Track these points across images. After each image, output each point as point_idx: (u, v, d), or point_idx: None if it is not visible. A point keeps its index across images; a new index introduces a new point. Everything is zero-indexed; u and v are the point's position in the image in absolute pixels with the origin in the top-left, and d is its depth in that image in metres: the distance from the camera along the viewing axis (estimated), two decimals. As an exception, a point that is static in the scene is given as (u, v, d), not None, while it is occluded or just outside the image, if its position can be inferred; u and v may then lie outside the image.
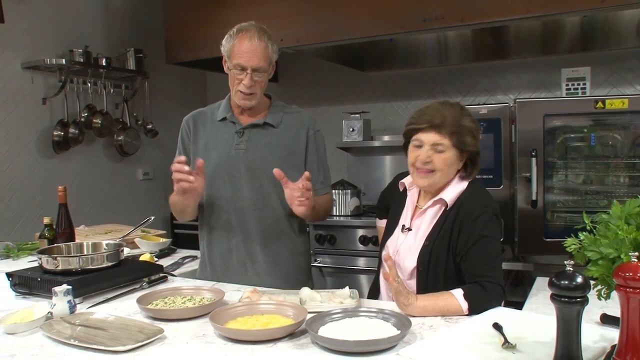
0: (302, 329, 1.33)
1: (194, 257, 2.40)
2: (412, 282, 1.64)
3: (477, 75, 3.62)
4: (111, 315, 1.47)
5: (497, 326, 1.29)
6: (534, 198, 2.59)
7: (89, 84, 3.67)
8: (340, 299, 1.55)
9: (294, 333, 1.33)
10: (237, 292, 1.71)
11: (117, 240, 2.15)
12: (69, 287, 1.51)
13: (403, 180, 1.80)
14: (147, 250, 2.45)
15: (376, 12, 2.89)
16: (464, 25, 2.78)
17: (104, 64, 3.70)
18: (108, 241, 1.99)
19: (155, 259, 2.21)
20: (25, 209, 3.43)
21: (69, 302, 1.49)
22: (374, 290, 1.84)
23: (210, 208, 1.95)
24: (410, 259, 1.64)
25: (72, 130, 3.58)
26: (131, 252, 2.36)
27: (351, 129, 3.59)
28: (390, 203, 1.88)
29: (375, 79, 3.96)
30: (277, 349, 1.26)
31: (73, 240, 2.17)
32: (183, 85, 4.51)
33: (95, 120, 3.71)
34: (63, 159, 3.64)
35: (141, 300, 1.55)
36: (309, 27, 3.07)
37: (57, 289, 1.49)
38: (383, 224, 1.96)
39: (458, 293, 1.46)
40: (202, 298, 1.61)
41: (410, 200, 1.77)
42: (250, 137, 1.92)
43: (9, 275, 1.78)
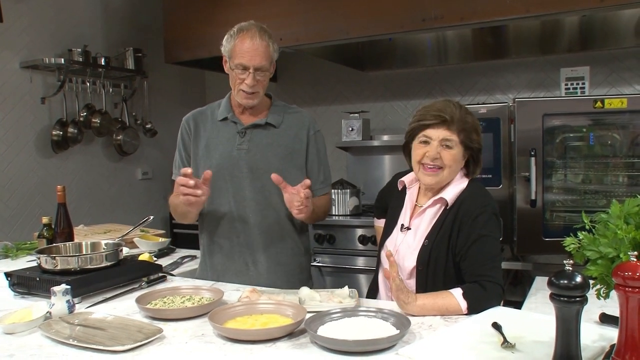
0: (301, 328, 1.33)
1: (193, 257, 2.40)
2: (412, 282, 1.63)
3: (476, 75, 3.62)
4: (110, 315, 1.47)
5: (496, 326, 1.29)
6: (533, 197, 2.59)
7: (88, 84, 3.67)
8: (339, 298, 1.55)
9: (293, 333, 1.33)
10: (236, 292, 1.70)
11: (116, 240, 2.15)
12: (68, 287, 1.51)
13: (403, 179, 1.80)
14: (146, 250, 2.45)
15: (375, 12, 2.89)
16: (463, 25, 2.78)
17: (103, 63, 3.70)
18: (107, 241, 1.98)
19: (154, 259, 2.21)
20: (24, 208, 3.43)
21: (67, 301, 1.49)
22: (372, 290, 1.84)
23: (212, 208, 1.93)
24: (409, 258, 1.64)
25: (71, 129, 3.58)
26: (130, 252, 2.36)
27: (350, 129, 3.59)
28: (388, 202, 1.88)
29: (374, 79, 3.96)
30: (276, 349, 1.26)
31: (72, 240, 2.17)
32: (182, 84, 4.51)
33: (94, 120, 3.71)
34: (62, 158, 3.64)
35: (140, 300, 1.55)
36: (308, 26, 3.07)
37: (55, 288, 1.48)
38: (381, 223, 1.96)
39: (457, 292, 1.46)
40: (201, 298, 1.61)
41: (410, 199, 1.76)
42: (252, 137, 1.92)
43: (8, 275, 1.77)
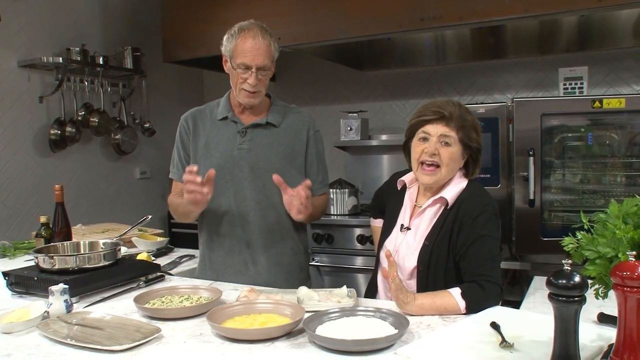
0: (300, 328, 1.33)
1: (191, 256, 2.39)
2: (412, 282, 1.63)
3: (475, 75, 3.62)
4: (108, 314, 1.47)
5: (494, 325, 1.29)
6: (532, 197, 2.59)
7: (86, 83, 3.66)
8: (337, 298, 1.55)
9: (291, 332, 1.33)
10: (235, 292, 1.70)
11: (114, 239, 2.15)
12: (66, 286, 1.50)
13: (403, 178, 1.79)
14: (144, 250, 2.44)
15: (374, 11, 2.89)
16: (462, 25, 2.78)
17: (101, 62, 3.69)
18: (105, 240, 1.98)
19: (153, 258, 2.21)
20: (21, 207, 3.42)
21: (65, 301, 1.49)
22: (371, 290, 1.84)
23: (212, 207, 1.92)
24: (410, 258, 1.64)
25: (69, 128, 3.58)
26: (128, 251, 2.36)
27: (349, 128, 3.59)
28: (386, 202, 1.87)
29: (373, 78, 3.96)
30: (274, 348, 1.26)
31: (70, 239, 2.16)
32: (181, 84, 4.50)
33: (92, 119, 3.70)
34: (60, 157, 3.63)
35: (138, 300, 1.55)
36: (307, 26, 3.07)
37: (53, 288, 1.48)
38: (377, 223, 1.96)
39: (456, 292, 1.46)
40: (200, 297, 1.60)
41: (409, 199, 1.76)
42: (252, 136, 1.91)
43: (6, 274, 1.77)
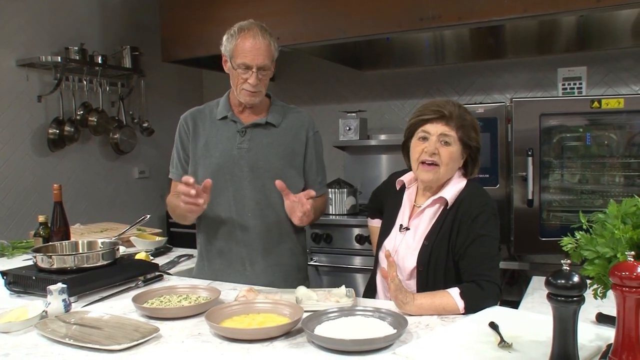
0: (298, 328, 1.33)
1: (190, 256, 2.39)
2: (412, 283, 1.63)
3: (474, 75, 3.62)
4: (106, 314, 1.47)
5: (493, 325, 1.29)
6: (530, 197, 2.59)
7: (85, 82, 3.65)
8: (336, 297, 1.55)
9: (290, 332, 1.33)
10: (233, 291, 1.70)
11: (113, 238, 2.15)
12: (64, 286, 1.50)
13: (402, 178, 1.79)
14: (142, 249, 2.44)
15: (373, 11, 2.89)
16: (461, 25, 2.78)
17: (100, 61, 3.69)
18: (103, 240, 1.98)
19: (151, 258, 2.21)
20: (20, 207, 3.41)
21: (63, 300, 1.49)
22: (370, 290, 1.83)
23: (211, 207, 1.91)
24: (409, 259, 1.63)
25: (67, 128, 3.57)
26: (127, 251, 2.35)
27: (348, 128, 3.59)
28: (384, 202, 1.87)
29: (371, 78, 3.96)
30: (273, 348, 1.26)
31: (68, 239, 2.16)
32: (179, 83, 4.50)
33: (90, 119, 3.70)
34: (58, 157, 3.63)
35: (137, 299, 1.54)
36: (306, 25, 3.07)
37: (52, 287, 1.48)
38: (374, 223, 1.96)
39: (455, 292, 1.46)
40: (198, 297, 1.60)
41: (408, 199, 1.76)
42: (252, 136, 1.91)
43: (4, 273, 1.77)
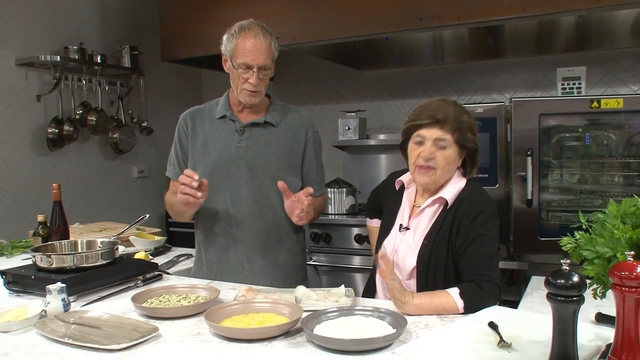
0: (298, 327, 1.33)
1: (189, 256, 2.39)
2: (412, 282, 1.63)
3: (473, 74, 3.62)
4: (106, 313, 1.47)
5: (492, 325, 1.29)
6: (529, 197, 2.60)
7: (84, 81, 3.65)
8: (335, 297, 1.55)
9: (289, 332, 1.33)
10: (233, 291, 1.70)
11: (112, 238, 2.14)
12: (63, 285, 1.50)
13: (401, 178, 1.79)
14: (142, 249, 2.44)
15: (372, 11, 2.89)
16: (460, 24, 2.78)
17: (99, 61, 3.68)
18: (103, 239, 1.97)
19: (150, 257, 2.21)
20: (19, 206, 3.41)
21: (63, 300, 1.49)
22: (369, 289, 1.83)
23: (208, 206, 1.92)
24: (409, 258, 1.63)
25: (66, 127, 3.57)
26: (126, 250, 2.35)
27: (347, 128, 3.59)
28: (383, 202, 1.87)
29: (371, 78, 3.96)
30: (272, 348, 1.26)
31: (67, 238, 2.16)
32: (179, 82, 4.50)
33: (90, 118, 3.70)
34: (57, 156, 3.62)
35: (136, 299, 1.54)
36: (305, 25, 3.07)
37: (51, 287, 1.48)
38: (373, 223, 1.95)
39: (454, 292, 1.46)
40: (197, 296, 1.60)
41: (408, 199, 1.75)
42: (250, 135, 1.91)
43: (3, 273, 1.76)
